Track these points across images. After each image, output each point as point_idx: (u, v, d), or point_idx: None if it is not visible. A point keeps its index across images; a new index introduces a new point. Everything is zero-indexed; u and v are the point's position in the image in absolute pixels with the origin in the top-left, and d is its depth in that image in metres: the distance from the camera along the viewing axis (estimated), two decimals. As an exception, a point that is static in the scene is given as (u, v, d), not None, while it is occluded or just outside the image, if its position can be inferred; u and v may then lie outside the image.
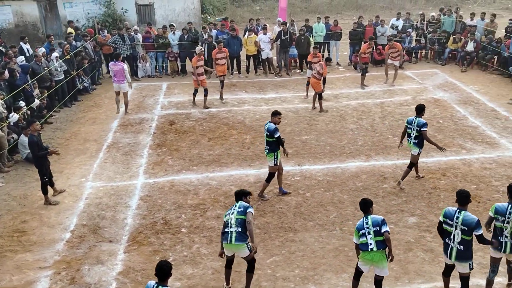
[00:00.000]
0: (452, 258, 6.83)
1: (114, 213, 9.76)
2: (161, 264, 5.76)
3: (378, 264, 6.87)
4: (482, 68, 18.43)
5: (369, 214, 6.95)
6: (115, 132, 13.63)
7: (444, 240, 6.91)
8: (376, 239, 6.74)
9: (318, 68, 14.33)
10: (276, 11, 26.19)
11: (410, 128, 10.24)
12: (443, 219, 6.84)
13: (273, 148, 9.74)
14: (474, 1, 32.14)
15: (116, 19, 22.30)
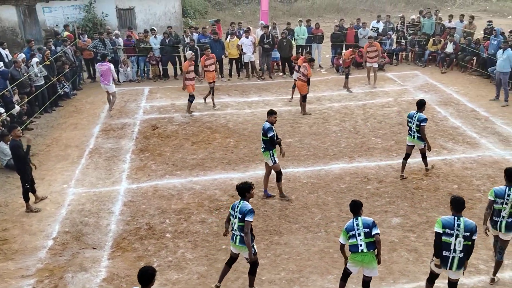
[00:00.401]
0: (454, 268, 6.64)
1: (97, 220, 9.65)
2: (143, 270, 5.59)
3: (368, 265, 6.87)
4: (462, 69, 18.69)
5: (359, 216, 6.93)
6: (97, 137, 13.49)
7: (441, 253, 6.62)
8: (367, 241, 6.74)
9: (302, 70, 14.38)
10: (258, 14, 26.27)
11: (411, 122, 10.58)
12: (442, 230, 6.55)
13: (268, 147, 9.79)
14: (453, 3, 32.60)
15: (96, 24, 22.11)
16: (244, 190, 7.31)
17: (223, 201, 10.16)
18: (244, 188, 7.32)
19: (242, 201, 7.29)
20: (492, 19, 22.57)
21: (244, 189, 7.31)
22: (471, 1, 33.23)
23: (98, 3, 22.43)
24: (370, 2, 32.13)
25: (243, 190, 7.32)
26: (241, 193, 7.34)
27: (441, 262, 6.68)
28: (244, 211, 7.13)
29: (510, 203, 7.29)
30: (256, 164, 11.72)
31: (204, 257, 8.48)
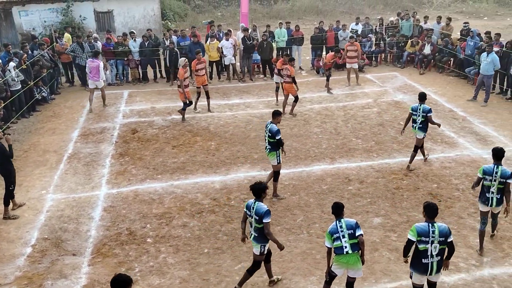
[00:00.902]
0: (433, 273, 6.64)
1: (76, 225, 9.52)
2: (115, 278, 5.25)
3: (353, 267, 6.87)
4: (439, 70, 18.95)
5: (341, 218, 6.92)
6: (76, 142, 13.32)
7: (420, 261, 6.57)
8: (351, 242, 6.74)
9: (285, 72, 14.41)
10: (238, 16, 26.28)
11: (416, 115, 11.03)
12: (417, 238, 6.50)
13: (274, 148, 9.94)
14: (430, 5, 33.04)
15: (74, 27, 21.85)
16: (260, 190, 7.34)
17: (205, 204, 10.11)
18: (260, 188, 7.34)
19: (257, 202, 7.29)
20: (468, 20, 22.94)
21: (260, 189, 7.34)
22: (448, 3, 33.72)
23: (76, 7, 22.20)
24: (349, 4, 32.39)
25: (259, 191, 7.33)
26: (257, 194, 7.33)
27: (421, 270, 6.61)
28: (261, 213, 7.15)
29: (498, 179, 7.98)
30: (237, 166, 11.70)
31: (186, 261, 8.42)
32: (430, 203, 6.73)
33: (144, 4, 23.53)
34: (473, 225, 9.25)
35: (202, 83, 15.03)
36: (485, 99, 15.36)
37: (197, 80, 15.06)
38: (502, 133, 13.22)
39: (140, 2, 23.38)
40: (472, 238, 8.87)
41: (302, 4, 31.50)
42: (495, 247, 8.62)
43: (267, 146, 10.04)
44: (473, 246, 8.64)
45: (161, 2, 25.72)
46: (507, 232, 9.01)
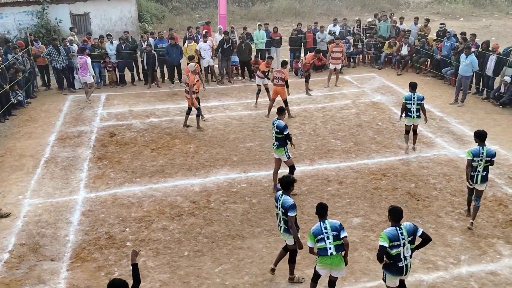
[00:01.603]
0: (408, 273, 6.74)
1: (55, 230, 9.39)
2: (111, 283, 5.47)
3: (337, 267, 6.93)
4: (416, 71, 19.19)
5: (325, 219, 6.93)
6: (53, 146, 13.13)
7: (396, 265, 6.58)
8: (335, 243, 6.79)
9: (278, 75, 14.38)
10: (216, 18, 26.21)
11: (410, 103, 11.75)
12: (389, 244, 6.46)
13: (282, 143, 10.11)
14: (407, 7, 33.45)
15: (50, 30, 21.54)
16: (289, 183, 7.52)
17: (185, 207, 10.06)
18: (289, 181, 7.53)
19: (284, 195, 7.45)
20: (444, 21, 23.31)
21: (289, 183, 7.52)
22: (425, 4, 34.18)
23: (51, 9, 21.88)
24: (327, 5, 32.59)
25: (288, 184, 7.51)
26: (286, 187, 7.50)
27: (397, 273, 6.64)
28: (286, 207, 7.30)
29: (484, 159, 8.88)
30: (217, 169, 11.67)
31: (166, 264, 8.36)
32: (394, 207, 6.72)
33: (120, 6, 23.32)
34: (451, 223, 9.39)
35: None
36: (462, 99, 15.60)
37: None
38: (478, 132, 13.42)
39: (116, 4, 23.17)
40: (450, 236, 9.00)
41: (280, 5, 31.59)
42: (472, 245, 8.75)
43: (275, 143, 10.19)
44: (451, 244, 8.76)
45: (138, 4, 25.52)
46: (484, 230, 9.15)
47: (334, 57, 17.35)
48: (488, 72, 15.90)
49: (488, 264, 8.27)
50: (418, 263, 8.29)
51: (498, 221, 9.45)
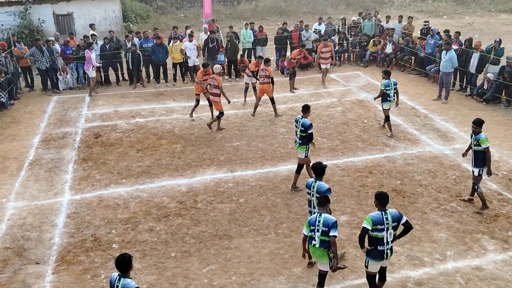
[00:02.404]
0: (388, 258, 6.95)
1: (39, 233, 9.28)
2: (119, 259, 5.93)
3: (319, 260, 7.14)
4: (401, 68, 19.31)
5: (323, 212, 7.06)
6: (37, 148, 12.98)
7: (376, 248, 6.81)
8: (322, 238, 6.92)
9: (263, 73, 14.40)
10: (201, 18, 26.11)
11: (389, 89, 12.88)
12: (372, 227, 6.72)
13: (305, 142, 10.21)
14: (391, 5, 33.64)
15: (33, 30, 21.29)
16: (323, 169, 7.98)
17: (171, 208, 10.01)
18: (322, 167, 7.98)
19: (318, 181, 7.87)
20: (428, 19, 23.47)
21: (322, 168, 7.98)
22: (408, 2, 34.39)
23: (34, 9, 21.60)
24: (312, 4, 32.65)
25: (322, 170, 7.97)
26: (320, 173, 7.93)
27: (378, 257, 6.88)
28: (323, 191, 7.66)
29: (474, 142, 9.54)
30: (204, 169, 11.63)
31: (153, 266, 8.31)
32: (380, 192, 7.02)
33: (104, 6, 23.12)
34: (437, 219, 9.47)
35: (202, 90, 14.34)
36: (445, 96, 15.74)
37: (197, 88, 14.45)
38: (463, 129, 13.56)
39: (100, 4, 22.97)
40: (435, 232, 9.07)
41: (265, 4, 31.57)
42: (458, 241, 8.84)
43: (297, 140, 10.30)
44: (436, 241, 8.83)
45: (123, 4, 25.33)
46: (469, 226, 9.24)
47: (323, 57, 17.36)
48: (471, 69, 16.05)
49: (473, 259, 8.35)
50: (404, 259, 8.34)
51: (483, 216, 9.54)
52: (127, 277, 5.95)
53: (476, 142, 9.46)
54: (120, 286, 5.87)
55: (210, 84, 13.52)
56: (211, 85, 13.49)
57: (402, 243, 8.68)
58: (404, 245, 8.68)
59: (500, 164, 11.59)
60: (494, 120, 14.20)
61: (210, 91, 13.59)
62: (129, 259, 5.95)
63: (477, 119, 9.60)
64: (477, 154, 9.52)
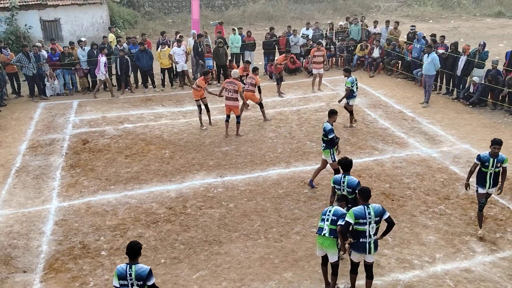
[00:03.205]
0: (372, 252, 7.17)
1: (27, 241, 9.18)
2: (131, 245, 6.17)
3: (328, 250, 7.33)
4: (388, 72, 19.46)
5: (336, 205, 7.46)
6: (24, 155, 12.86)
7: (358, 241, 7.11)
8: (330, 227, 7.22)
9: (249, 80, 14.40)
10: (189, 23, 26.14)
11: (356, 86, 13.76)
12: (354, 221, 7.00)
13: (328, 146, 10.24)
14: (377, 10, 33.91)
15: (19, 37, 21.15)
16: (350, 164, 8.24)
17: (160, 214, 9.96)
18: (348, 162, 8.24)
19: (347, 176, 8.15)
20: (414, 23, 23.68)
21: (349, 163, 8.24)
22: (395, 7, 34.73)
23: (21, 15, 21.51)
24: (300, 10, 32.83)
25: (349, 164, 8.24)
26: (347, 168, 8.21)
27: (360, 250, 7.16)
28: (354, 185, 8.00)
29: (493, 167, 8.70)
30: (193, 174, 11.60)
31: (143, 272, 8.24)
32: (363, 187, 7.35)
33: (92, 12, 23.08)
34: (425, 222, 9.52)
35: (200, 96, 14.22)
36: (426, 100, 15.89)
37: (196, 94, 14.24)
38: (450, 132, 13.68)
39: (88, 9, 22.93)
40: (424, 235, 9.11)
41: (253, 10, 31.69)
42: (447, 243, 8.88)
43: (322, 144, 10.36)
44: (426, 243, 8.87)
45: (110, 10, 25.29)
46: (457, 228, 9.30)
47: (316, 61, 17.31)
48: (458, 72, 16.21)
49: (462, 261, 8.40)
50: (394, 262, 8.37)
51: (471, 218, 9.61)
52: (137, 263, 6.18)
53: (498, 164, 8.68)
54: (134, 272, 6.08)
55: (228, 88, 13.38)
56: (230, 90, 13.35)
57: (391, 246, 8.72)
58: (394, 248, 8.72)
59: (487, 166, 11.68)
60: (481, 123, 14.35)
61: (228, 96, 13.42)
62: (139, 245, 6.23)
63: (498, 139, 8.76)
64: (496, 176, 8.84)
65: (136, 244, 6.23)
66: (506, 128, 13.90)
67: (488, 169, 8.74)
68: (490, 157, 8.74)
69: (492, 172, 8.76)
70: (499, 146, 8.64)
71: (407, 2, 35.52)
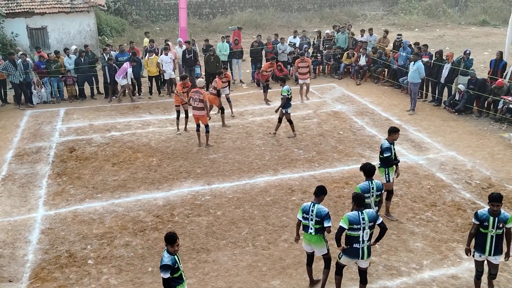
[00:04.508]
0: (365, 257, 7.21)
1: (12, 250, 9.08)
2: (169, 234, 6.45)
3: (316, 245, 7.48)
4: (375, 80, 19.61)
5: (317, 203, 7.41)
6: (10, 163, 12.74)
7: (351, 246, 7.18)
8: (316, 227, 7.34)
9: (213, 84, 14.62)
10: (177, 31, 26.11)
11: (290, 94, 13.79)
12: (348, 226, 7.07)
13: (382, 164, 9.72)
14: (364, 18, 34.21)
15: (6, 44, 20.99)
16: (372, 170, 8.24)
17: (148, 222, 9.91)
18: (371, 168, 8.26)
19: (373, 181, 8.23)
20: (400, 32, 23.91)
21: (372, 169, 8.25)
22: (381, 16, 35.05)
23: (7, 23, 21.34)
24: (287, 18, 33.01)
25: (371, 170, 8.25)
26: (369, 173, 8.23)
27: (353, 255, 7.22)
28: (382, 187, 8.32)
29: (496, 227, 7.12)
30: (180, 182, 11.57)
31: (130, 281, 8.20)
32: (357, 193, 7.39)
33: (79, 20, 22.97)
34: (412, 229, 9.58)
35: (181, 102, 14.36)
36: (412, 107, 16.04)
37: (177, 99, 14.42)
38: (436, 139, 13.81)
39: (75, 17, 22.81)
40: (412, 242, 9.17)
41: (240, 18, 31.77)
42: (434, 250, 8.95)
43: (378, 162, 9.80)
44: (413, 250, 8.93)
45: (97, 17, 25.20)
46: (444, 235, 9.37)
47: (301, 72, 17.25)
48: (442, 80, 16.39)
49: (449, 268, 8.46)
50: (382, 269, 8.41)
51: (458, 225, 9.70)
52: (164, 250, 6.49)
53: (501, 224, 7.07)
54: None
55: (194, 98, 13.31)
56: (195, 99, 13.27)
57: (379, 253, 8.76)
58: (381, 255, 8.76)
59: (473, 173, 11.81)
60: (466, 130, 14.50)
61: (194, 105, 13.35)
62: (175, 235, 6.44)
63: (497, 194, 7.08)
64: (498, 238, 7.19)
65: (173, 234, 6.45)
66: (491, 136, 14.07)
67: (488, 230, 7.17)
68: (490, 215, 7.09)
69: (494, 235, 7.17)
70: (497, 204, 6.99)
71: (393, 11, 35.88)
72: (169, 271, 6.32)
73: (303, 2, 34.52)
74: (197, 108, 13.28)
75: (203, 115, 13.33)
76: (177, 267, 6.45)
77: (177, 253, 6.53)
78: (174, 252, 6.44)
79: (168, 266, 6.32)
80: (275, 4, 33.98)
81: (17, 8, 21.70)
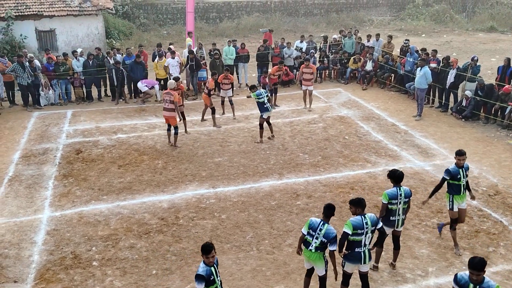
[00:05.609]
0: (366, 261, 7.22)
1: (18, 251, 9.12)
2: (205, 244, 6.36)
3: (315, 264, 7.31)
4: (381, 85, 19.59)
5: (326, 222, 7.18)
6: (17, 164, 12.81)
7: (353, 251, 7.16)
8: (318, 246, 7.13)
9: (207, 84, 14.96)
10: (184, 35, 26.24)
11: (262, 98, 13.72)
12: (352, 231, 7.04)
13: (449, 190, 8.96)
14: (370, 23, 34.20)
15: (15, 46, 21.16)
16: (400, 176, 8.08)
17: (153, 224, 9.93)
18: (399, 175, 8.09)
19: (401, 187, 8.05)
20: (407, 37, 23.89)
21: (400, 176, 8.08)
22: (388, 21, 35.01)
23: (16, 25, 21.53)
24: (293, 22, 33.04)
25: (399, 177, 8.07)
26: (397, 180, 8.06)
27: (355, 260, 7.20)
28: (410, 194, 8.11)
29: None
30: (185, 185, 11.59)
31: (134, 284, 8.21)
32: (359, 198, 7.32)
33: (87, 23, 23.12)
34: (418, 235, 9.54)
35: None
36: (419, 113, 15.99)
37: None
38: (442, 145, 13.76)
39: (83, 20, 22.97)
40: (417, 248, 9.13)
41: (247, 22, 31.86)
42: (439, 257, 8.90)
43: None
44: (418, 257, 8.89)
45: (105, 21, 25.37)
46: (450, 242, 9.31)
47: (305, 78, 17.06)
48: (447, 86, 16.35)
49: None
50: (387, 276, 8.37)
51: (464, 232, 9.65)
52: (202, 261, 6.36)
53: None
54: None
55: (165, 99, 13.52)
56: (166, 100, 13.48)
57: (384, 260, 8.72)
58: (386, 262, 8.72)
59: (480, 180, 11.76)
60: (473, 136, 14.45)
61: (165, 106, 13.54)
62: (212, 245, 6.37)
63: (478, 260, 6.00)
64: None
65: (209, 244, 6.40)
66: (498, 142, 14.01)
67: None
68: (470, 282, 6.10)
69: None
70: (478, 273, 5.97)
71: (400, 16, 35.85)
72: (203, 282, 6.14)
73: (309, 7, 34.54)
74: (167, 109, 13.49)
75: (173, 116, 13.52)
76: (213, 279, 6.26)
77: (215, 265, 6.40)
78: (209, 263, 6.26)
79: (201, 276, 6.15)
80: (282, 9, 34.02)
81: (26, 11, 21.89)
